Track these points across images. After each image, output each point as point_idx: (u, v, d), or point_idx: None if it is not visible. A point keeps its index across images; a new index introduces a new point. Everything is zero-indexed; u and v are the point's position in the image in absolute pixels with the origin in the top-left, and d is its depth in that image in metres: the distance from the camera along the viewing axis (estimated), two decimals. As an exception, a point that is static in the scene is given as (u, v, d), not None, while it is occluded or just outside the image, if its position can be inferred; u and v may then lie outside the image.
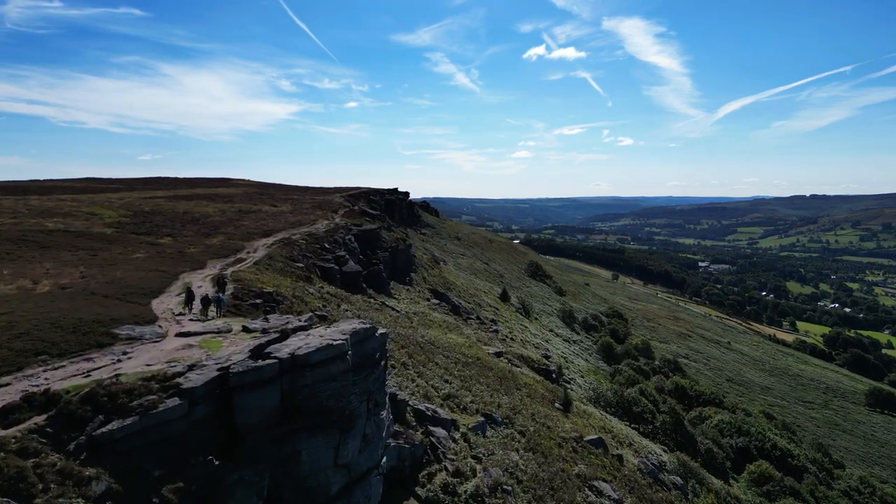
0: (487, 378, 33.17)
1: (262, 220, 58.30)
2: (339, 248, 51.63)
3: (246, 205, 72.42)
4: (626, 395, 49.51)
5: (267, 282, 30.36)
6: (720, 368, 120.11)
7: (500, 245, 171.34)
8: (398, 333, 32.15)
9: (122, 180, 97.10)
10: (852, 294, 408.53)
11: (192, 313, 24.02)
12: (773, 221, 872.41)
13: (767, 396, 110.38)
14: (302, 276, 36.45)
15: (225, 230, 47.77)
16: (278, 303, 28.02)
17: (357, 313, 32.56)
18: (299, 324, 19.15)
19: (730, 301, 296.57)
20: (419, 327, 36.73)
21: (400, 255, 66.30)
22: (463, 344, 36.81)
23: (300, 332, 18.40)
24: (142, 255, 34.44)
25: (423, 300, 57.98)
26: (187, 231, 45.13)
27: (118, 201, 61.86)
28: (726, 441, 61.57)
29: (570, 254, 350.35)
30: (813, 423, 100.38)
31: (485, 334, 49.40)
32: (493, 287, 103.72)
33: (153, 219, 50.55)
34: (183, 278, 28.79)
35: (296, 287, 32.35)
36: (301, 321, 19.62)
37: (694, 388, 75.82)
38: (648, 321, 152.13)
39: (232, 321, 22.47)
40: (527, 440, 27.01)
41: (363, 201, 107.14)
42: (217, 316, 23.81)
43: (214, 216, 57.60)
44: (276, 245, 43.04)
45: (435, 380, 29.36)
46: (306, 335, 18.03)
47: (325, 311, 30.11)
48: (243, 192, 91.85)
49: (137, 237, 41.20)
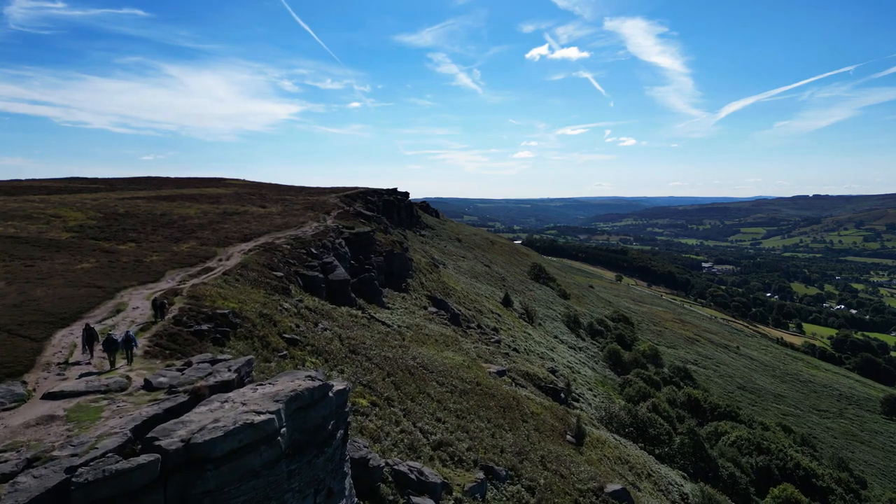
0: (488, 410, 28.76)
1: (246, 222, 54.07)
2: (327, 253, 47.35)
3: (232, 206, 68.23)
4: (641, 415, 45.27)
5: (230, 297, 25.96)
6: (730, 375, 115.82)
7: (502, 246, 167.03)
8: (385, 357, 27.73)
9: (106, 180, 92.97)
10: (857, 295, 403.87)
11: (91, 359, 18.55)
12: (776, 222, 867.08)
13: (781, 405, 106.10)
14: (279, 287, 32.10)
15: (201, 234, 43.53)
16: (234, 327, 23.49)
17: (337, 333, 28.16)
18: (224, 377, 14.07)
19: (735, 303, 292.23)
20: (412, 345, 32.42)
21: (396, 259, 62.04)
22: (461, 364, 32.54)
23: (220, 394, 13.20)
24: (88, 265, 30.23)
25: (420, 309, 53.72)
26: (157, 235, 40.91)
27: (92, 202, 57.68)
28: (746, 460, 57.31)
29: (573, 255, 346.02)
30: (829, 434, 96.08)
31: (486, 347, 45.15)
32: (495, 291, 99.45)
33: (124, 221, 46.34)
34: (121, 297, 24.42)
35: (267, 302, 27.95)
36: (230, 370, 14.58)
37: (707, 399, 71.52)
38: (655, 325, 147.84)
39: (142, 367, 17.34)
40: (537, 500, 22.40)
41: (359, 202, 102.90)
42: (128, 362, 18.10)
43: (194, 218, 53.39)
44: (255, 251, 38.75)
45: (425, 419, 24.72)
46: (222, 403, 12.58)
47: (297, 334, 25.74)
48: (233, 193, 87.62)
49: (95, 243, 36.97)
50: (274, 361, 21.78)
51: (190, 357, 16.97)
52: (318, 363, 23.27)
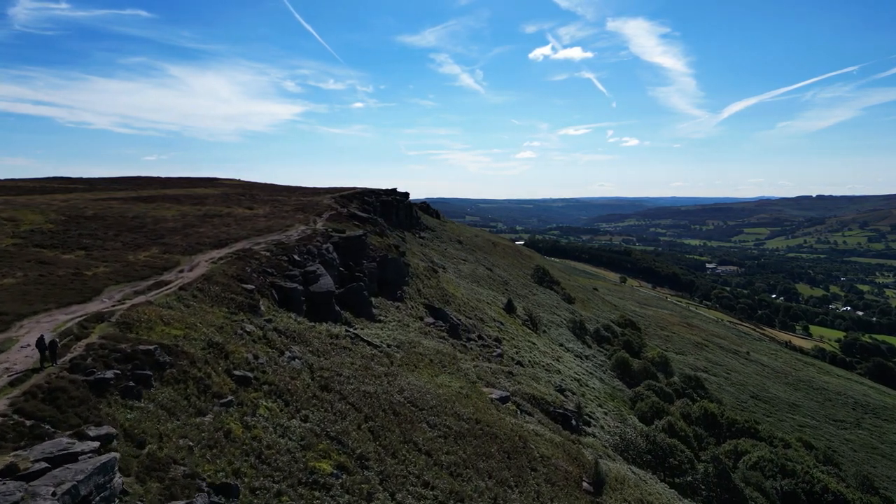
0: (490, 459, 23.99)
1: (226, 225, 49.57)
2: (312, 260, 42.80)
3: (217, 207, 63.74)
4: (660, 441, 40.72)
5: (176, 322, 21.26)
6: (743, 383, 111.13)
7: (505, 248, 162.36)
8: (364, 394, 22.85)
9: (88, 179, 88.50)
10: (863, 297, 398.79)
11: None
12: (779, 222, 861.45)
13: (796, 415, 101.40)
14: (245, 304, 27.49)
15: (169, 239, 39.02)
16: (162, 368, 18.16)
17: (308, 362, 23.31)
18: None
19: (740, 305, 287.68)
20: (401, 371, 27.76)
21: (390, 265, 57.45)
22: (458, 393, 27.97)
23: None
24: (13, 279, 25.76)
25: (416, 320, 49.17)
26: (116, 241, 36.41)
27: (61, 203, 53.25)
28: (770, 484, 52.71)
29: (576, 255, 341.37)
30: (849, 447, 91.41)
31: (487, 365, 40.60)
32: (498, 296, 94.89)
33: (86, 225, 41.84)
34: (19, 328, 19.50)
35: (225, 325, 23.26)
36: (55, 497, 9.19)
37: (724, 414, 66.89)
38: (662, 329, 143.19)
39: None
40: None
41: (355, 203, 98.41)
42: None
43: (170, 221, 48.89)
44: (227, 259, 34.22)
45: (409, 485, 19.46)
46: None
47: (254, 367, 20.86)
48: (221, 193, 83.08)
49: (37, 252, 32.46)
50: (210, 414, 16.81)
51: (58, 437, 11.91)
52: (274, 408, 18.56)
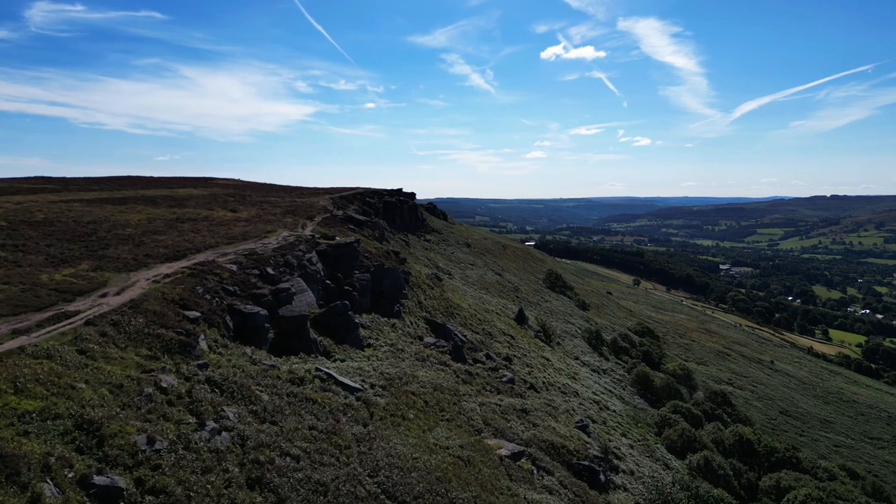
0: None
1: (194, 232, 43.17)
2: (289, 273, 36.28)
3: (195, 210, 57.46)
4: (703, 495, 33.89)
5: (44, 383, 14.06)
6: (770, 398, 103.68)
7: (515, 251, 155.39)
8: (316, 487, 15.29)
9: (63, 179, 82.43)
10: (882, 299, 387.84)
11: None
12: (793, 222, 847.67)
13: (830, 433, 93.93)
14: (175, 342, 20.72)
15: (113, 251, 32.62)
16: None
17: (239, 436, 16.21)
18: None
19: (757, 308, 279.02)
20: (382, 431, 21.00)
21: (387, 275, 50.83)
22: (456, 460, 21.31)
23: None
24: None
25: (413, 341, 42.55)
26: (38, 255, 29.96)
27: (13, 206, 47.18)
28: (823, 530, 45.77)
29: (588, 257, 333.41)
30: (890, 470, 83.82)
31: (496, 401, 33.94)
32: (508, 305, 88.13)
33: (22, 233, 35.54)
34: None
35: (127, 382, 16.44)
36: None
37: (762, 441, 59.76)
38: (681, 336, 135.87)
39: None
40: None
41: (355, 204, 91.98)
42: None
43: (129, 227, 42.55)
44: (175, 277, 27.72)
45: None
46: None
47: (141, 461, 13.64)
48: (209, 194, 76.81)
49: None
50: None
51: None
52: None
